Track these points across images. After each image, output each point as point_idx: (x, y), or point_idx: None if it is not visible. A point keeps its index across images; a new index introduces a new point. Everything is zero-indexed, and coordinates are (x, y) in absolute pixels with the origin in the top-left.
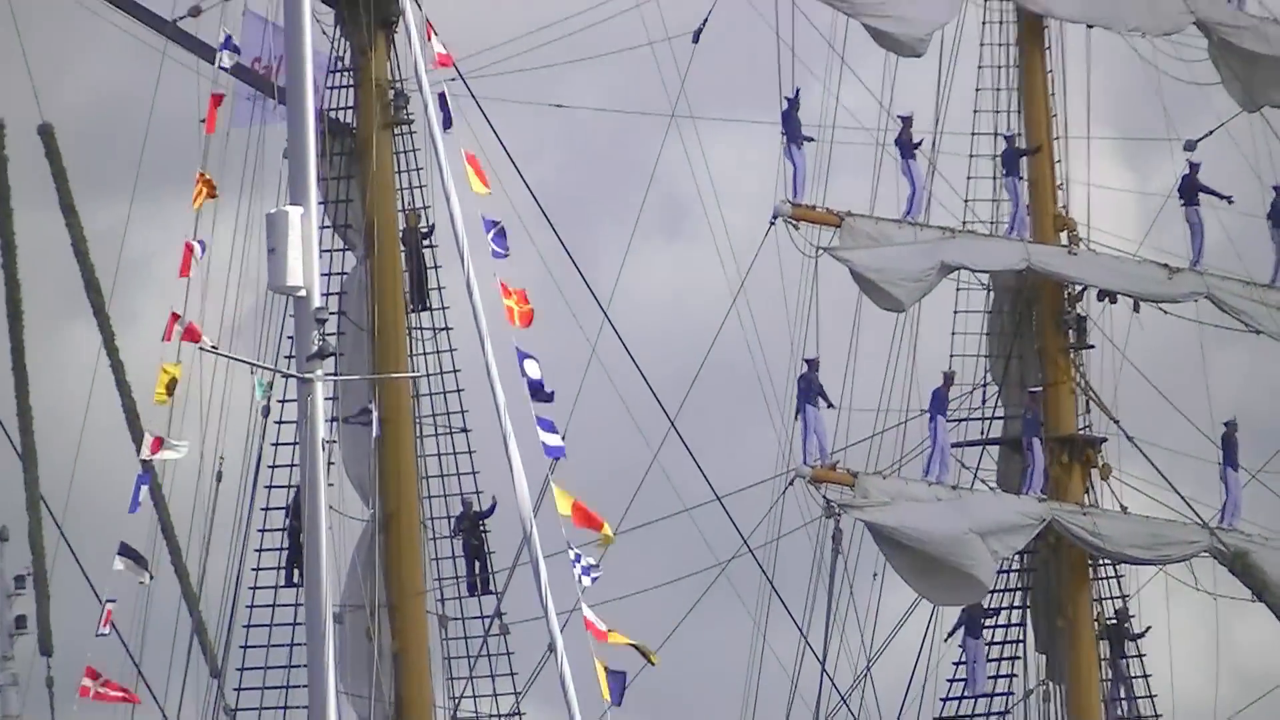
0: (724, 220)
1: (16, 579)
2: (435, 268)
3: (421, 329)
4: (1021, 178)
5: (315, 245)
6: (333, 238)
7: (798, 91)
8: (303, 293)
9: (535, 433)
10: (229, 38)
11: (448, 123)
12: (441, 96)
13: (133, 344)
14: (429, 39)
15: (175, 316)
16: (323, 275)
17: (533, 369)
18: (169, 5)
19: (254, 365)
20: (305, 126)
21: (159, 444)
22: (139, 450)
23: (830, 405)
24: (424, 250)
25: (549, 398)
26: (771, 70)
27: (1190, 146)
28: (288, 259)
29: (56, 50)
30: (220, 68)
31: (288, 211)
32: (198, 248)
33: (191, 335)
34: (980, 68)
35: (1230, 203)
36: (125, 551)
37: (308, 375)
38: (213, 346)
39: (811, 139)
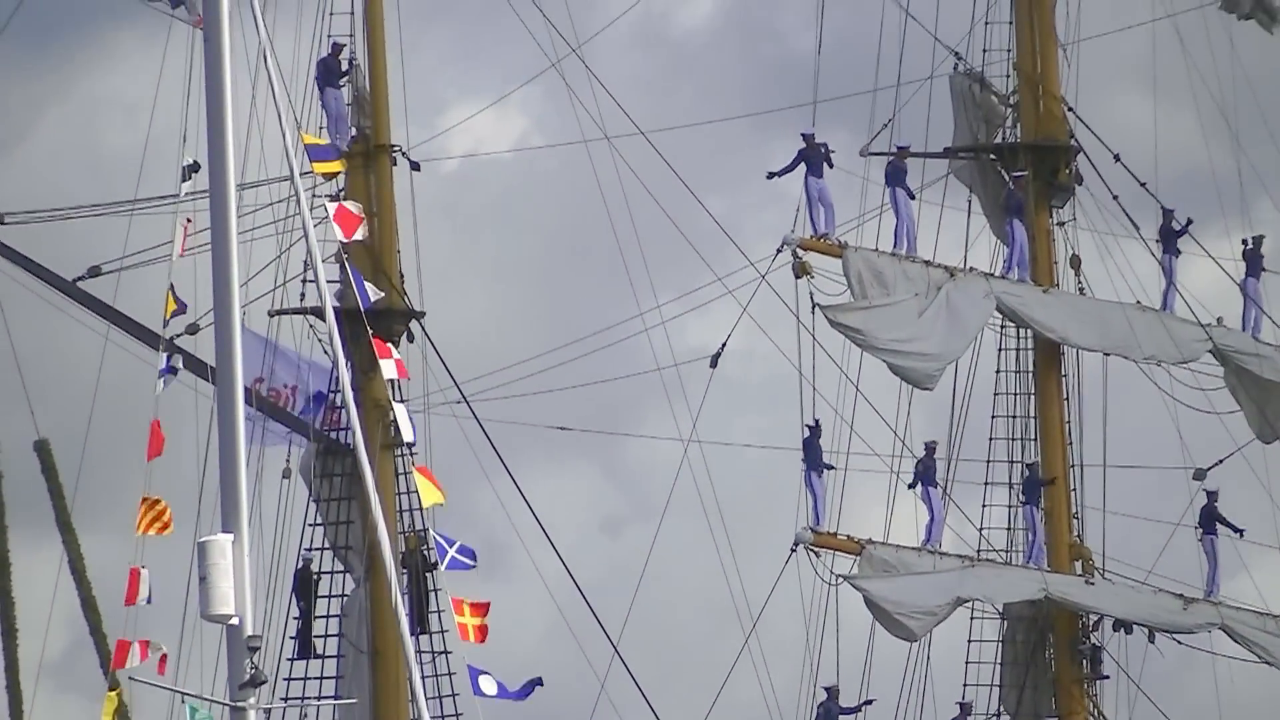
0: (732, 551)
1: None
2: (435, 590)
3: (420, 652)
4: (1040, 507)
5: (246, 572)
6: (333, 561)
7: (818, 421)
8: (234, 621)
9: None
10: (169, 359)
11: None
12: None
13: None
14: (389, 355)
15: (122, 644)
16: (323, 598)
17: (488, 685)
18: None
19: (182, 694)
20: (235, 448)
21: None
22: None
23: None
24: (426, 574)
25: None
26: (786, 395)
27: (1200, 475)
28: (219, 587)
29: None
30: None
31: (218, 539)
32: (144, 576)
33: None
34: (996, 394)
35: (1241, 536)
36: None
37: (240, 704)
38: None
39: (832, 467)
